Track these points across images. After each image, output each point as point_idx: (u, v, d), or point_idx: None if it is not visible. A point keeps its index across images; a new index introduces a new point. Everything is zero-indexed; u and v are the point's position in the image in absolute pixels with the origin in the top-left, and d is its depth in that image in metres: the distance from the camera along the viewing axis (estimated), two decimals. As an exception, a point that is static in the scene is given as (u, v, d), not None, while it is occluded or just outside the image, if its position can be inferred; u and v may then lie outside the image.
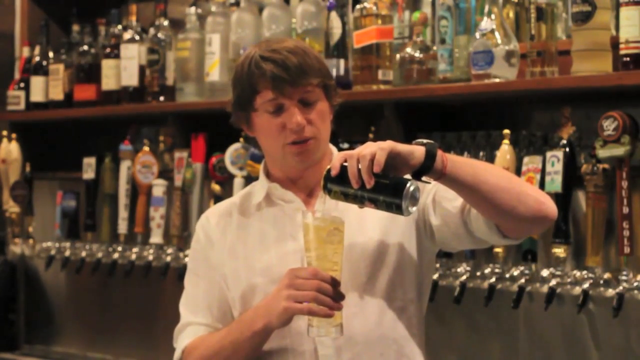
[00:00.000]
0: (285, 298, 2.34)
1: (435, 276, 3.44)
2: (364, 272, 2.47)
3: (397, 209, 2.24)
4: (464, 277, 3.40)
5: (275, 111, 2.47)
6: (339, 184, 2.28)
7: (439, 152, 2.27)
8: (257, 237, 2.54)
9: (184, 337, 2.57)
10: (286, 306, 2.34)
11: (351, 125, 3.73)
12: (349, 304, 2.38)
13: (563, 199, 3.21)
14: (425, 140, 2.28)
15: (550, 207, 2.34)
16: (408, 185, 2.23)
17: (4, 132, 4.89)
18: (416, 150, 2.27)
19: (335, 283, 2.34)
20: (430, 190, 2.46)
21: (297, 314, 2.36)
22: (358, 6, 3.67)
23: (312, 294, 2.32)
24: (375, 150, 2.23)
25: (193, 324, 2.57)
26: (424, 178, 2.28)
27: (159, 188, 4.35)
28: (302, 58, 2.46)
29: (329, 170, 2.30)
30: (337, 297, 2.34)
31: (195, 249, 2.63)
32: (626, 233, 3.09)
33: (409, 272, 2.51)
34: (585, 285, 3.16)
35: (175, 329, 2.61)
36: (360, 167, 2.24)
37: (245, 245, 2.55)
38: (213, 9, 4.19)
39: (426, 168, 2.26)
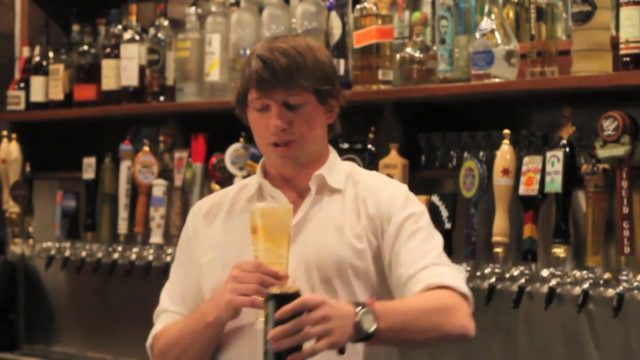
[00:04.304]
0: (230, 291, 2.38)
1: (435, 276, 3.44)
2: (325, 279, 2.47)
3: None
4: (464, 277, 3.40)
5: (261, 110, 2.49)
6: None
7: (373, 327, 2.27)
8: (240, 231, 2.53)
9: (158, 323, 2.61)
10: (230, 299, 2.38)
11: (351, 125, 3.72)
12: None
13: (563, 199, 3.22)
14: (361, 314, 2.26)
15: (470, 330, 2.42)
16: None
17: (4, 132, 4.89)
18: (352, 336, 2.26)
19: (277, 276, 2.35)
20: (397, 236, 2.48)
21: (240, 307, 2.38)
22: (358, 6, 3.67)
23: (254, 287, 2.35)
24: (324, 347, 2.22)
25: (167, 311, 2.61)
26: None
27: (159, 188, 4.35)
28: (294, 60, 2.46)
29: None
30: None
31: (182, 238, 2.67)
32: (626, 233, 3.09)
33: (368, 288, 2.51)
34: (585, 285, 3.16)
35: (154, 312, 2.66)
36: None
37: (226, 238, 2.57)
38: (213, 9, 4.19)
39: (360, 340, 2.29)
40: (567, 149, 3.22)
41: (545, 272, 3.26)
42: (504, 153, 3.33)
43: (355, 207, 2.52)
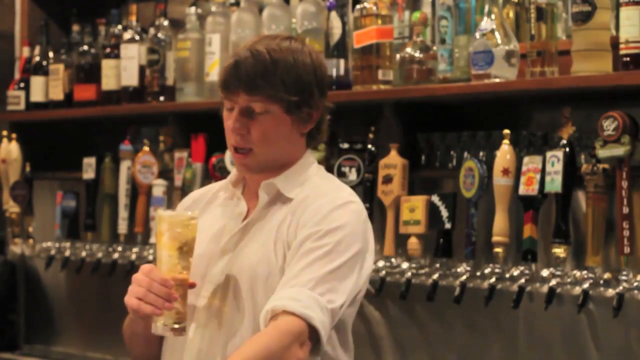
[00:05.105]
0: (128, 292, 2.40)
1: (436, 276, 3.44)
2: (238, 293, 2.45)
3: None
4: (464, 277, 3.40)
5: (229, 110, 2.46)
6: None
7: None
8: (203, 231, 2.50)
9: None
10: (126, 300, 2.40)
11: (351, 125, 3.73)
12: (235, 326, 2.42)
13: (563, 199, 3.22)
14: None
15: None
16: None
17: (4, 132, 4.89)
18: None
19: (166, 284, 2.35)
20: (295, 253, 2.40)
21: (132, 309, 2.40)
22: (358, 6, 3.67)
23: (143, 291, 2.36)
24: None
25: None
26: None
27: (159, 188, 4.35)
28: (263, 65, 2.39)
29: None
30: (167, 298, 2.35)
31: None
32: (626, 233, 3.09)
33: None
34: (585, 285, 3.16)
35: None
36: None
37: None
38: (213, 9, 4.19)
39: None
40: (567, 149, 3.22)
41: (545, 272, 3.26)
42: (504, 153, 3.33)
43: (285, 221, 2.44)
